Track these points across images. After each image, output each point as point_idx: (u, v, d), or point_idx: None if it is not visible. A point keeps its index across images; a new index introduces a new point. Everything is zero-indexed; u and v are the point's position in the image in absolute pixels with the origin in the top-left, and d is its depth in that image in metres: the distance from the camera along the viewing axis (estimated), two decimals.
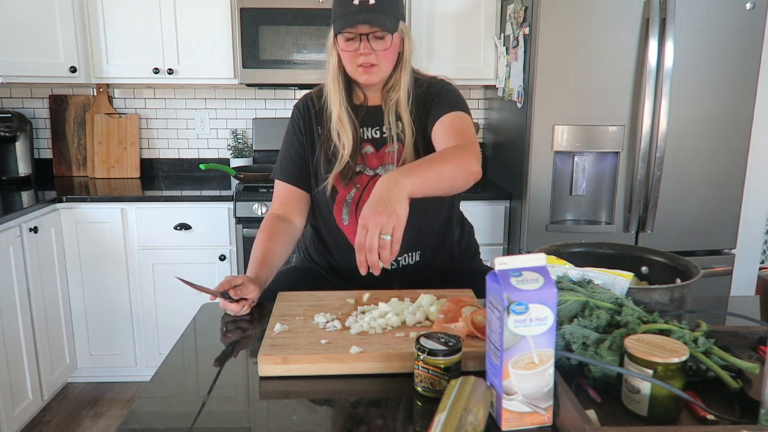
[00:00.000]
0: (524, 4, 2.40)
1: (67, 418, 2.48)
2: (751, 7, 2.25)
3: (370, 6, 1.26)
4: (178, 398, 0.92)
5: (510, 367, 0.77)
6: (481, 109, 3.19)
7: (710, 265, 2.40)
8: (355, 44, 1.30)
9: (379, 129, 1.43)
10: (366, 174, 1.43)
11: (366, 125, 1.44)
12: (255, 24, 2.61)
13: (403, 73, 1.38)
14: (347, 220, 1.44)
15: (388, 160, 1.42)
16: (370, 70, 1.33)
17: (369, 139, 1.44)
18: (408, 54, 1.38)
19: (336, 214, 1.44)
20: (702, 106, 2.33)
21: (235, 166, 2.97)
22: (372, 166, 1.43)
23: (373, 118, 1.43)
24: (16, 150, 2.85)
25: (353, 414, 0.85)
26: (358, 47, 1.30)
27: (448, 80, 1.46)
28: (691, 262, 1.08)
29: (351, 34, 1.30)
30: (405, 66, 1.38)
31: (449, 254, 1.51)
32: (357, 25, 1.28)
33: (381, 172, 1.41)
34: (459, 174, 1.24)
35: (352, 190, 1.42)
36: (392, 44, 1.32)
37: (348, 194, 1.42)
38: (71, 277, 2.59)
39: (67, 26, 2.61)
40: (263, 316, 1.21)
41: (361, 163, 1.42)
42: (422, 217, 1.40)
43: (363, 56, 1.31)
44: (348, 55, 1.33)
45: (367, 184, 1.42)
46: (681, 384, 0.79)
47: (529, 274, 0.78)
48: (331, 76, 1.38)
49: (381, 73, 1.35)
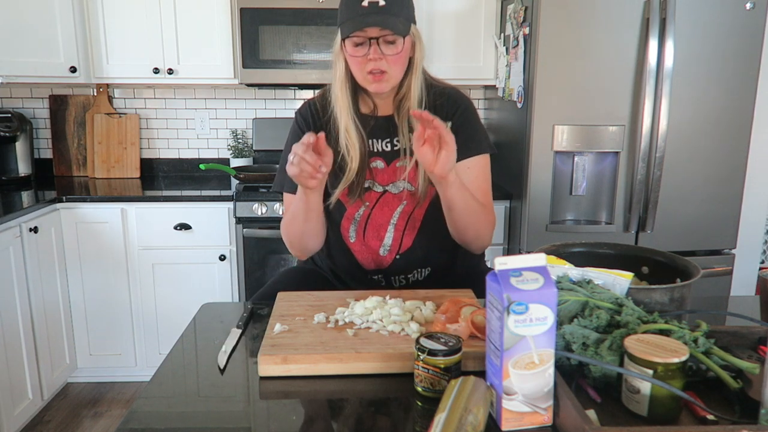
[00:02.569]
0: (524, 4, 2.40)
1: (67, 418, 2.48)
2: (751, 7, 2.25)
3: (380, 8, 1.18)
4: (178, 398, 0.92)
5: (510, 367, 0.77)
6: (481, 109, 3.19)
7: (710, 265, 2.40)
8: (364, 49, 1.22)
9: (389, 141, 1.35)
10: (375, 191, 1.35)
11: (375, 137, 1.35)
12: (255, 24, 2.61)
13: (414, 78, 1.29)
14: (354, 238, 1.38)
15: (399, 175, 1.34)
16: (380, 78, 1.24)
17: (379, 152, 1.35)
18: (419, 59, 1.29)
19: (343, 230, 1.39)
20: (702, 106, 2.33)
21: (235, 166, 2.97)
22: (381, 183, 1.35)
23: (383, 129, 1.35)
24: (16, 150, 2.85)
25: (353, 414, 0.85)
26: (367, 52, 1.22)
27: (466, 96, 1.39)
28: (691, 262, 1.08)
29: (360, 39, 1.21)
30: (415, 71, 1.29)
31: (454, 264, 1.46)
32: (366, 27, 1.18)
33: (391, 189, 1.35)
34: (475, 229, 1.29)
35: (360, 207, 1.36)
36: (404, 49, 1.24)
37: (357, 212, 1.36)
38: (71, 277, 2.59)
39: (67, 26, 2.61)
40: (263, 316, 1.21)
41: (369, 179, 1.35)
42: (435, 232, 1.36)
43: (373, 62, 1.22)
44: (357, 61, 1.24)
45: (376, 202, 1.35)
46: (681, 384, 0.79)
47: (529, 274, 0.78)
48: (339, 83, 1.29)
49: (392, 81, 1.26)
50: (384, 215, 1.36)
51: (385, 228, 1.36)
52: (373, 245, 1.37)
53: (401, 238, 1.37)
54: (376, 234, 1.37)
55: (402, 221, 1.36)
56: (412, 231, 1.37)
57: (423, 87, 1.32)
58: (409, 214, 1.36)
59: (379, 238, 1.37)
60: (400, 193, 1.35)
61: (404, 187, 1.34)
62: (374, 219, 1.36)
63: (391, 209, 1.35)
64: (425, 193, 1.33)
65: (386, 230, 1.36)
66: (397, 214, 1.36)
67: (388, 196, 1.35)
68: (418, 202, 1.35)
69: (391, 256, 1.38)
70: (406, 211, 1.36)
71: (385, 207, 1.36)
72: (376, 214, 1.36)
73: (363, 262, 1.40)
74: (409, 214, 1.36)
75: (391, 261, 1.38)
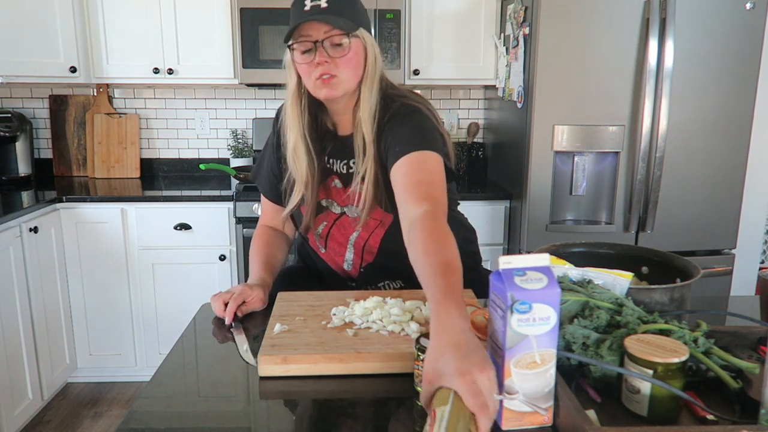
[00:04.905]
0: (524, 4, 2.40)
1: (67, 418, 2.48)
2: (751, 7, 2.25)
3: (323, 9, 1.14)
4: (178, 398, 0.92)
5: (512, 367, 0.77)
6: (481, 109, 3.19)
7: (710, 265, 2.40)
8: (311, 55, 1.16)
9: (346, 163, 1.30)
10: (333, 212, 1.33)
11: (335, 157, 1.31)
12: (255, 24, 2.60)
13: (364, 88, 1.21)
14: (324, 249, 1.38)
15: (350, 200, 1.29)
16: (329, 81, 1.17)
17: (337, 173, 1.31)
18: (371, 67, 1.21)
19: (311, 242, 1.40)
20: (702, 106, 2.33)
21: (235, 166, 2.97)
22: (340, 203, 1.32)
23: (342, 150, 1.29)
24: (16, 150, 2.85)
25: (353, 414, 0.85)
26: (314, 57, 1.16)
27: (417, 102, 1.25)
28: (691, 262, 1.08)
29: (306, 44, 1.16)
30: (366, 80, 1.21)
31: None
32: (307, 23, 1.14)
33: (348, 213, 1.31)
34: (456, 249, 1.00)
35: (321, 224, 1.35)
36: (351, 50, 1.17)
37: (319, 227, 1.36)
38: (71, 277, 2.59)
39: (67, 26, 2.61)
40: (263, 316, 1.21)
41: (328, 198, 1.32)
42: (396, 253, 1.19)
43: (321, 66, 1.15)
44: (305, 68, 1.18)
45: (335, 222, 1.33)
46: (681, 384, 0.79)
47: (533, 273, 0.78)
48: (290, 99, 1.24)
49: (342, 85, 1.18)
50: (342, 236, 1.34)
51: (345, 246, 1.35)
52: (338, 260, 1.38)
53: (362, 256, 1.35)
54: (337, 250, 1.37)
55: (360, 242, 1.33)
56: (370, 254, 1.35)
57: (377, 99, 1.23)
58: (365, 240, 1.33)
59: (341, 254, 1.37)
60: (357, 218, 1.30)
61: (358, 214, 1.29)
62: (334, 237, 1.35)
63: (347, 232, 1.34)
64: (365, 221, 1.28)
65: (346, 248, 1.35)
66: (354, 236, 1.34)
67: (345, 219, 1.33)
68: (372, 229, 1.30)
69: (356, 270, 1.38)
70: (362, 236, 1.33)
71: (341, 230, 1.34)
72: (334, 233, 1.35)
73: (335, 269, 1.41)
74: (365, 240, 1.33)
75: (357, 274, 1.38)
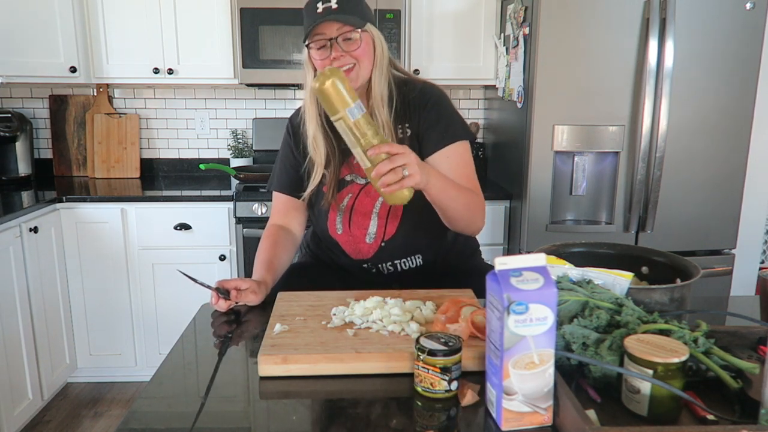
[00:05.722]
0: (524, 4, 2.40)
1: (67, 418, 2.48)
2: (751, 7, 2.25)
3: (334, 9, 1.27)
4: (178, 398, 0.92)
5: (510, 367, 0.77)
6: (481, 109, 3.19)
7: (710, 265, 2.40)
8: (327, 51, 1.29)
9: None
10: (357, 183, 1.42)
11: None
12: (255, 24, 2.61)
13: (375, 75, 1.34)
14: (341, 230, 1.44)
15: None
16: (349, 73, 1.29)
17: None
18: (380, 55, 1.34)
19: (330, 223, 1.45)
20: (702, 106, 2.33)
21: (235, 166, 2.97)
22: (363, 175, 1.41)
23: None
24: (16, 150, 2.85)
25: (353, 414, 0.85)
26: (330, 53, 1.29)
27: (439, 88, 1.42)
28: (691, 262, 1.08)
29: (321, 41, 1.29)
30: (377, 67, 1.34)
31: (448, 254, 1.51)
32: (321, 23, 1.27)
33: None
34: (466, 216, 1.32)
35: (345, 197, 1.42)
36: (363, 42, 1.30)
37: (342, 202, 1.42)
38: (71, 277, 2.59)
39: (67, 26, 2.61)
40: (263, 316, 1.21)
41: (352, 173, 1.42)
42: (419, 221, 1.40)
43: (337, 61, 1.28)
44: (322, 64, 1.30)
45: (359, 192, 1.41)
46: (681, 384, 0.79)
47: (529, 274, 0.78)
48: (309, 93, 1.37)
49: (361, 74, 1.32)
50: (366, 205, 1.42)
51: (369, 217, 1.42)
52: (359, 234, 1.43)
53: (385, 226, 1.42)
54: (360, 223, 1.43)
55: (384, 210, 1.42)
56: (395, 219, 1.42)
57: (391, 83, 1.37)
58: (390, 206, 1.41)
59: (364, 227, 1.43)
60: None
61: None
62: (358, 208, 1.42)
63: (372, 199, 1.41)
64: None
65: (370, 219, 1.42)
66: (378, 204, 1.41)
67: (370, 187, 1.41)
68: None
69: (377, 243, 1.43)
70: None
71: (367, 197, 1.42)
72: (359, 204, 1.42)
73: (351, 252, 1.46)
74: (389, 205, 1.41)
75: (378, 248, 1.43)
